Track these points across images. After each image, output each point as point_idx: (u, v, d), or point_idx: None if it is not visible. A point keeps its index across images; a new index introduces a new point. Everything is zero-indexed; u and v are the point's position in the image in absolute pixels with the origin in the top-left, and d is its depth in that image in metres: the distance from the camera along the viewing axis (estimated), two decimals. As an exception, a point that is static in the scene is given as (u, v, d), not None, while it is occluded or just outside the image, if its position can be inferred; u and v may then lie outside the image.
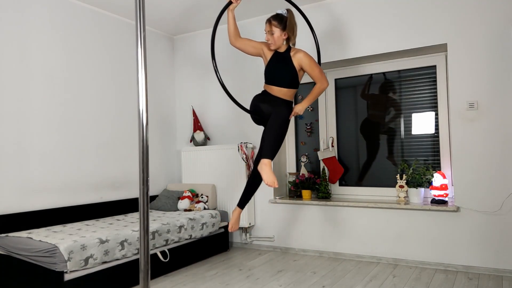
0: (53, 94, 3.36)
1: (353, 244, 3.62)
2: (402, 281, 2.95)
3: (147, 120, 1.27)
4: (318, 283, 2.95)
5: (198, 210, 3.87)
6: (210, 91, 4.41)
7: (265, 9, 3.89)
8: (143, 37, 1.29)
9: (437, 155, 3.53)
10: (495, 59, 3.07)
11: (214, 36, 2.75)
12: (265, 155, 2.48)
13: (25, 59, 3.17)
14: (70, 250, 2.51)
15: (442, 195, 3.30)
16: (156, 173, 4.37)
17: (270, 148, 2.51)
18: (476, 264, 3.12)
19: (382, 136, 3.79)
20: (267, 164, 2.45)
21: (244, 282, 3.03)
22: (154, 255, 3.17)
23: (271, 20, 2.71)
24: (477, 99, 3.12)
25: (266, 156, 2.48)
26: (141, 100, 1.28)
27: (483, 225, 3.09)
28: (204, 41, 4.45)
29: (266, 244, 4.06)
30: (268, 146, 2.52)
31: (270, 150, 2.50)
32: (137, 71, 1.28)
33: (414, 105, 3.65)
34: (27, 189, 3.13)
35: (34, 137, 3.20)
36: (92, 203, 3.61)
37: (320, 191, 3.85)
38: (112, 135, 3.86)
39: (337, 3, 3.69)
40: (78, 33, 3.59)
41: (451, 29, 3.22)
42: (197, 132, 4.30)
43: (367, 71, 3.84)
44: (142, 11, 1.29)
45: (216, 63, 2.75)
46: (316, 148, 4.11)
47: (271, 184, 2.42)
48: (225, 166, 4.07)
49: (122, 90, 3.99)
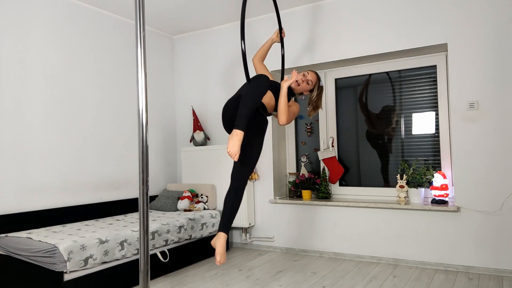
0: (52, 94, 3.35)
1: (353, 244, 3.62)
2: (402, 282, 2.94)
3: (147, 120, 1.27)
4: (318, 284, 2.95)
5: (198, 210, 3.86)
6: (210, 91, 4.41)
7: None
8: (143, 37, 1.28)
9: (438, 155, 3.52)
10: (495, 59, 3.06)
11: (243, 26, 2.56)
12: (237, 125, 2.33)
13: (25, 59, 3.17)
14: (69, 250, 2.51)
15: (443, 195, 3.29)
16: (156, 173, 4.36)
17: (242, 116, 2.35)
18: (476, 264, 3.12)
19: (384, 139, 3.79)
20: (238, 134, 2.31)
21: (244, 282, 3.03)
22: (154, 255, 3.17)
23: (316, 77, 2.84)
24: (477, 99, 3.12)
25: (237, 126, 2.33)
26: (141, 100, 1.27)
27: (484, 225, 3.09)
28: (204, 41, 4.45)
29: (266, 244, 4.06)
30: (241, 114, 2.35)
31: (242, 119, 2.34)
32: (137, 71, 1.28)
33: (415, 105, 3.65)
34: (26, 189, 3.13)
35: (33, 137, 3.20)
36: (92, 203, 3.61)
37: (320, 191, 3.84)
38: (112, 135, 3.85)
39: (337, 3, 3.69)
40: (78, 33, 3.59)
41: (451, 29, 3.21)
42: (197, 132, 4.30)
43: (367, 71, 3.83)
44: (142, 11, 1.29)
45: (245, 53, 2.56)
46: (316, 148, 4.10)
47: (232, 156, 2.30)
48: (225, 166, 4.06)
49: (122, 90, 3.98)
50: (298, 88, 2.81)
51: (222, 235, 2.53)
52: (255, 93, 2.40)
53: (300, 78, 2.78)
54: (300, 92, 2.85)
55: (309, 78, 2.80)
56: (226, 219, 2.58)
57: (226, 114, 2.61)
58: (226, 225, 2.57)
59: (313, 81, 2.81)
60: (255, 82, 2.47)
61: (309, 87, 2.81)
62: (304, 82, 2.79)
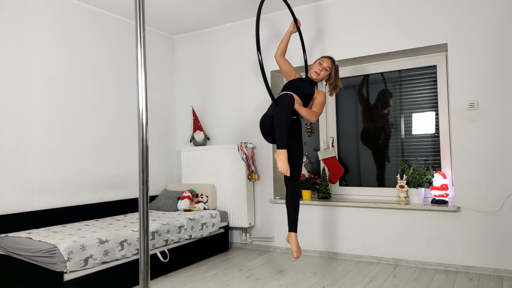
0: (52, 94, 3.35)
1: (353, 244, 3.62)
2: (402, 282, 2.94)
3: (147, 120, 1.27)
4: (318, 284, 2.95)
5: (198, 210, 3.86)
6: (210, 91, 4.41)
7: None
8: (143, 37, 1.28)
9: (438, 155, 3.52)
10: (495, 59, 3.06)
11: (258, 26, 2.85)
12: (278, 146, 2.74)
13: (25, 59, 3.17)
14: (69, 250, 2.51)
15: (443, 195, 3.29)
16: (156, 173, 4.36)
17: (281, 138, 2.73)
18: (477, 264, 3.12)
19: (382, 139, 3.79)
20: (283, 153, 2.73)
21: (244, 282, 3.03)
22: (154, 255, 3.17)
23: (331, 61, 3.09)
24: (477, 99, 3.12)
25: (279, 147, 2.74)
26: (141, 100, 1.27)
27: (484, 225, 3.09)
28: (204, 41, 4.45)
29: (266, 244, 4.06)
30: (279, 136, 2.73)
31: (281, 140, 2.73)
32: (137, 71, 1.28)
33: (414, 105, 3.65)
34: (26, 189, 3.13)
35: (33, 137, 3.20)
36: (92, 203, 3.61)
37: (320, 191, 3.84)
38: (112, 135, 3.85)
39: (337, 3, 3.69)
40: (78, 33, 3.59)
41: (451, 29, 3.21)
42: (197, 132, 4.30)
43: (367, 71, 3.83)
44: (142, 11, 1.29)
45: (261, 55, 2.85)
46: (316, 148, 4.10)
47: (285, 173, 2.71)
48: (225, 166, 4.07)
49: (122, 90, 3.98)
50: (319, 78, 3.08)
51: (293, 234, 2.96)
52: (285, 115, 2.71)
53: (317, 68, 3.06)
54: (322, 79, 3.12)
55: (326, 65, 3.05)
56: (293, 220, 2.98)
57: (264, 129, 2.99)
58: (293, 225, 2.98)
59: (330, 67, 3.06)
60: (282, 104, 2.74)
61: (328, 72, 3.07)
62: (322, 71, 3.06)
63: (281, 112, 2.72)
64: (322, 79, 3.11)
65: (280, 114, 2.71)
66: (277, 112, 2.73)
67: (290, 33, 3.28)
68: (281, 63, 3.25)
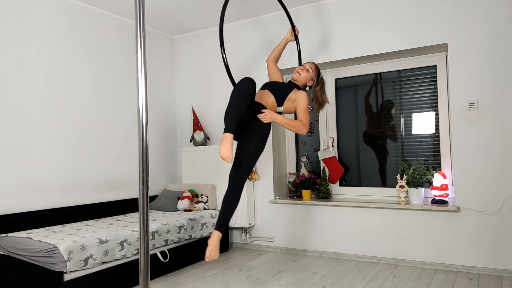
0: (53, 94, 3.35)
1: (353, 244, 3.62)
2: (403, 282, 2.94)
3: (147, 120, 1.27)
4: (319, 284, 2.95)
5: (198, 210, 3.86)
6: (210, 91, 4.41)
7: (254, 11, 3.89)
8: (143, 37, 1.28)
9: (438, 155, 3.52)
10: (496, 59, 3.06)
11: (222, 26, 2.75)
12: (225, 128, 2.47)
13: (25, 59, 3.17)
14: (69, 250, 2.51)
15: (443, 195, 3.29)
16: (156, 173, 4.37)
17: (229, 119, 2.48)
18: (477, 264, 3.12)
19: (382, 141, 3.79)
20: (227, 137, 2.44)
21: (244, 282, 3.03)
22: (154, 255, 3.17)
23: (314, 65, 2.98)
24: (477, 99, 3.12)
25: (225, 129, 2.47)
26: (141, 100, 1.27)
27: (484, 225, 3.09)
28: (203, 41, 4.45)
29: (266, 244, 4.06)
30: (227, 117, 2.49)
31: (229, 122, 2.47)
32: (137, 71, 1.28)
33: (414, 105, 3.65)
34: (26, 189, 3.13)
35: (33, 137, 3.20)
36: (92, 203, 3.61)
37: (320, 191, 3.84)
38: (112, 135, 3.85)
39: (336, 3, 3.69)
40: (78, 33, 3.59)
41: (451, 28, 3.21)
42: (197, 132, 4.30)
43: (367, 71, 3.83)
44: (142, 11, 1.29)
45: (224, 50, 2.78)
46: (316, 148, 4.10)
47: (225, 158, 2.43)
48: (225, 166, 4.06)
49: (122, 90, 3.98)
50: (300, 78, 2.91)
51: (215, 233, 2.61)
52: (240, 97, 2.49)
53: (299, 68, 2.93)
54: (304, 82, 2.94)
55: (308, 66, 2.93)
56: (222, 218, 2.64)
57: None
58: (221, 224, 2.63)
59: (313, 68, 2.93)
60: (238, 86, 2.55)
61: (310, 74, 2.92)
62: (303, 71, 2.91)
63: (234, 92, 2.53)
64: (305, 82, 2.93)
65: (233, 94, 2.52)
66: (232, 93, 2.55)
67: (287, 41, 3.19)
68: (271, 68, 3.15)
